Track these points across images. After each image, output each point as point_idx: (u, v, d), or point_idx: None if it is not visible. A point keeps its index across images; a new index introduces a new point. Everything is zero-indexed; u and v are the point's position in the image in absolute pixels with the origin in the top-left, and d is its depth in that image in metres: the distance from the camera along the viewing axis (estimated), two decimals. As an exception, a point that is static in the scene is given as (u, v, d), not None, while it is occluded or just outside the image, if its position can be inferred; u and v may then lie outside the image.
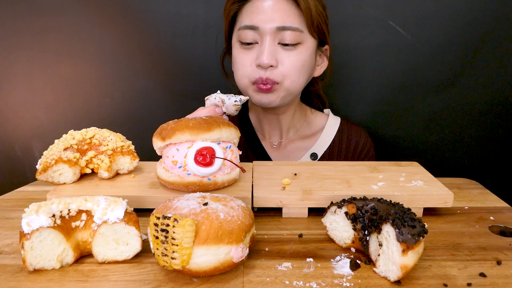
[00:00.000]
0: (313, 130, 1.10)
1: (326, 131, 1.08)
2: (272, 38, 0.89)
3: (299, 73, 0.93)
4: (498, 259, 0.56)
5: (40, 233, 0.51)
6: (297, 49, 0.91)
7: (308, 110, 1.11)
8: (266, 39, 0.89)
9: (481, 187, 0.83)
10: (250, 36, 0.91)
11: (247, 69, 0.93)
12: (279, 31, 0.89)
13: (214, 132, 0.67)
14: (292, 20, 0.89)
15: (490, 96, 1.14)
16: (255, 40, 0.91)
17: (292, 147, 1.08)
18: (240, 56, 0.94)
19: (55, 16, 1.08)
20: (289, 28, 0.88)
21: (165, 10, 1.10)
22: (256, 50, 0.92)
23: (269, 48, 0.89)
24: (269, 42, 0.89)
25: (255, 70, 0.91)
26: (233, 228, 0.50)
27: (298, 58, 0.91)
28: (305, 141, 1.09)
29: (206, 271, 0.50)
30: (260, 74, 0.91)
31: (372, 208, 0.56)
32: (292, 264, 0.54)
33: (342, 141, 1.08)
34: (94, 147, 0.74)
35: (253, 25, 0.90)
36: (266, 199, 0.68)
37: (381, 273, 0.52)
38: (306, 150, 1.07)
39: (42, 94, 1.15)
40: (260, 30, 0.89)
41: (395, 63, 1.13)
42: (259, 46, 0.91)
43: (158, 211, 0.53)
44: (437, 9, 1.06)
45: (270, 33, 0.89)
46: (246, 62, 0.93)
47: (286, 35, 0.89)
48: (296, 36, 0.89)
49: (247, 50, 0.93)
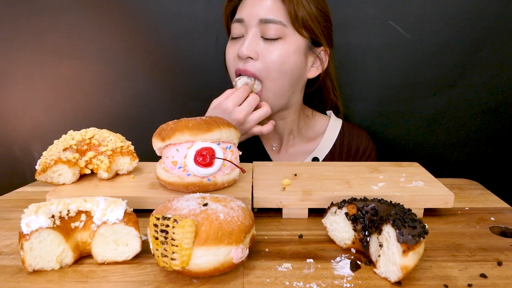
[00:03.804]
0: (315, 133, 1.09)
1: (328, 134, 1.07)
2: (255, 31, 0.91)
3: (280, 70, 0.90)
4: (499, 260, 0.56)
5: (39, 234, 0.51)
6: (278, 43, 0.90)
7: (309, 113, 1.09)
8: (250, 31, 0.91)
9: (482, 188, 0.83)
10: (237, 30, 0.93)
11: (231, 61, 0.95)
12: (262, 23, 0.90)
13: (214, 132, 0.66)
14: (276, 14, 0.89)
15: (491, 96, 1.14)
16: (242, 34, 0.93)
17: (293, 151, 1.07)
18: (228, 49, 0.97)
19: (54, 16, 1.08)
20: (271, 21, 0.89)
21: (165, 10, 1.10)
22: (241, 43, 0.93)
23: (250, 40, 0.90)
24: (251, 34, 0.91)
25: (237, 61, 0.93)
26: (233, 228, 0.50)
27: (278, 53, 0.89)
28: (307, 144, 1.08)
29: (206, 272, 0.49)
30: (238, 65, 0.92)
31: (372, 209, 0.56)
32: (292, 265, 0.54)
33: (344, 145, 1.07)
34: (94, 147, 0.74)
35: (240, 18, 0.92)
36: (266, 200, 0.68)
37: (381, 274, 0.52)
38: (308, 154, 1.07)
39: (42, 94, 1.15)
40: (246, 23, 0.91)
41: (395, 64, 1.12)
42: (243, 39, 0.93)
43: (158, 212, 0.53)
44: (438, 9, 1.05)
45: (254, 25, 0.90)
46: (231, 55, 0.95)
47: (268, 28, 0.89)
48: (278, 30, 0.89)
49: (234, 43, 0.95)
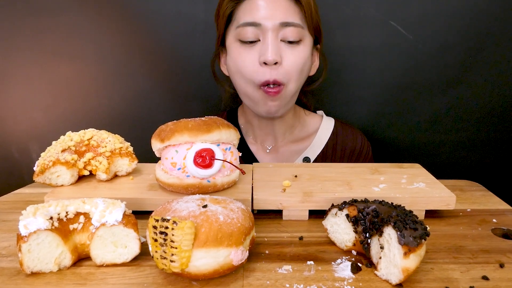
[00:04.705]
0: (307, 132, 1.08)
1: (320, 134, 1.06)
2: (275, 34, 0.87)
3: (300, 72, 0.91)
4: (501, 262, 0.55)
5: (37, 236, 0.51)
6: (299, 46, 0.90)
7: (302, 112, 1.08)
8: (268, 35, 0.87)
9: (484, 189, 0.82)
10: (251, 34, 0.88)
11: (250, 69, 0.89)
12: (282, 27, 0.87)
13: (213, 133, 0.66)
14: (294, 17, 0.88)
15: (493, 96, 1.13)
16: (257, 38, 0.88)
17: (284, 151, 1.06)
18: (241, 57, 0.90)
19: (53, 16, 1.07)
20: (291, 24, 0.87)
21: (165, 10, 1.09)
22: (258, 49, 0.88)
23: (273, 44, 0.86)
24: (272, 38, 0.87)
25: (260, 69, 0.88)
26: (232, 230, 0.49)
27: (301, 56, 0.90)
28: (299, 144, 1.06)
29: (205, 274, 0.49)
30: (265, 76, 0.87)
31: (373, 211, 0.55)
32: (292, 267, 0.54)
33: (337, 145, 1.05)
34: (92, 148, 0.73)
35: (255, 21, 0.87)
36: (266, 201, 0.68)
37: (382, 276, 0.51)
38: (299, 154, 1.05)
39: (40, 95, 1.15)
40: (263, 27, 0.87)
41: (396, 64, 1.12)
42: (261, 44, 0.88)
43: (157, 214, 0.53)
44: (439, 8, 1.05)
45: (272, 30, 0.87)
46: (248, 62, 0.89)
47: (289, 31, 0.87)
48: (298, 32, 0.88)
49: (249, 49, 0.89)
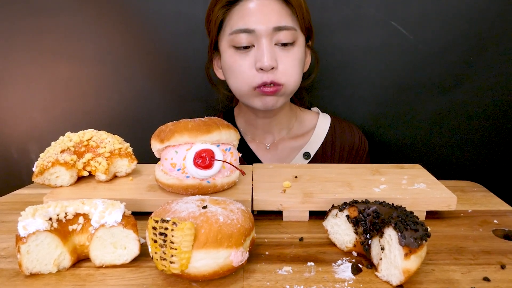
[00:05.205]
0: (305, 129, 1.09)
1: (318, 130, 1.08)
2: (269, 39, 0.88)
3: (297, 72, 0.93)
4: (502, 263, 0.55)
5: (36, 237, 0.51)
6: (294, 48, 0.91)
7: (297, 109, 1.10)
8: (263, 41, 0.88)
9: (485, 190, 0.82)
10: (245, 40, 0.89)
11: (247, 75, 0.91)
12: (275, 31, 0.88)
13: (213, 134, 0.66)
14: (287, 20, 0.89)
15: (494, 97, 1.13)
16: (251, 43, 0.90)
17: (283, 147, 1.07)
18: (236, 63, 0.91)
19: (53, 16, 1.07)
20: (285, 28, 0.88)
21: (165, 10, 1.09)
22: (253, 54, 0.90)
23: (268, 50, 0.88)
24: (267, 43, 0.88)
25: (256, 74, 0.90)
26: (232, 231, 0.49)
27: (295, 57, 0.91)
28: (297, 140, 1.08)
29: (205, 275, 0.49)
30: (263, 78, 0.89)
31: (374, 211, 0.55)
32: (292, 268, 0.53)
33: (336, 139, 1.07)
34: (92, 149, 0.73)
35: (248, 28, 0.88)
36: (266, 202, 0.68)
37: (383, 278, 0.51)
38: (299, 150, 1.06)
39: (39, 95, 1.14)
40: (256, 32, 0.88)
41: (397, 64, 1.12)
42: (256, 49, 0.89)
43: (157, 214, 0.52)
44: (440, 8, 1.05)
45: (266, 35, 0.88)
46: (244, 67, 0.91)
47: (282, 35, 0.88)
48: (292, 35, 0.90)
49: (244, 54, 0.91)
